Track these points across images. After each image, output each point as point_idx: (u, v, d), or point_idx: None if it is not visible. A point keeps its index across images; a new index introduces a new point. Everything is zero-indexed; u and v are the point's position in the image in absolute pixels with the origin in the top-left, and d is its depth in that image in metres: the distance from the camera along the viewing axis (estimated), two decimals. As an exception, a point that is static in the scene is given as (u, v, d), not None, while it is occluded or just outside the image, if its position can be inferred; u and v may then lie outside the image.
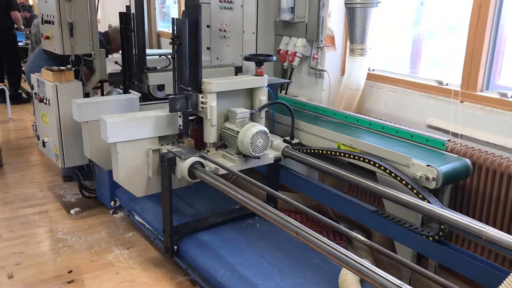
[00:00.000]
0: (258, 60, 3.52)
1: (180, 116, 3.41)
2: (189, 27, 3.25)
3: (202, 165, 3.24)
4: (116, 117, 3.31)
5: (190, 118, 3.50)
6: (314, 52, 4.18)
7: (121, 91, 4.46)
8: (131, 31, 3.95)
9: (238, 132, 3.36)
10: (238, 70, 4.60)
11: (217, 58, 5.18)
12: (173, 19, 3.32)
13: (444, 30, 3.86)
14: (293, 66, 4.38)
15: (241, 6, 4.65)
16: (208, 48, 5.17)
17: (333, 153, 3.38)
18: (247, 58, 3.58)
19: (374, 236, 3.82)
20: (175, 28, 3.31)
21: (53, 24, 4.04)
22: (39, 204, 4.60)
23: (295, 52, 4.28)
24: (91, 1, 4.06)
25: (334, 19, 4.13)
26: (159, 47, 8.07)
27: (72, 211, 4.41)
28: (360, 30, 3.61)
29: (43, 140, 4.41)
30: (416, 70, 3.97)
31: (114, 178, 3.48)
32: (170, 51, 6.54)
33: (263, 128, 3.34)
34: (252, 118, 3.55)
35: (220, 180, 3.07)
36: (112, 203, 4.39)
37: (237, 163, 3.41)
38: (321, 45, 4.13)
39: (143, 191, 3.51)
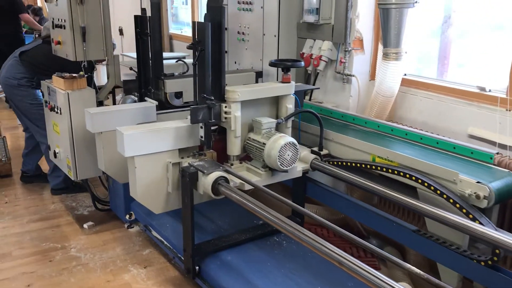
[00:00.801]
0: (286, 66, 3.26)
1: (201, 127, 3.16)
2: (212, 31, 3.00)
3: (226, 180, 2.99)
4: (133, 129, 3.08)
5: (211, 128, 3.25)
6: (341, 55, 3.92)
7: (136, 98, 4.24)
8: (147, 35, 3.71)
9: (264, 144, 3.11)
10: (259, 75, 4.36)
11: (235, 62, 4.94)
12: (193, 22, 3.08)
13: (476, 30, 3.57)
14: (318, 71, 4.12)
15: (262, 7, 4.41)
16: (225, 52, 4.92)
17: (368, 166, 3.12)
18: (273, 64, 3.32)
19: (408, 253, 3.55)
20: (196, 32, 3.07)
21: (64, 28, 3.81)
22: (51, 218, 4.37)
23: (321, 56, 4.02)
24: (105, 3, 3.82)
25: (363, 20, 3.87)
26: (171, 50, 7.84)
27: (85, 226, 4.18)
28: (395, 33, 3.34)
29: (54, 150, 4.19)
30: (446, 74, 3.71)
31: (131, 194, 3.24)
32: (183, 54, 6.41)
33: (291, 139, 3.08)
34: (278, 128, 3.30)
35: (247, 198, 2.82)
36: (127, 216, 4.16)
37: (263, 178, 3.16)
38: (349, 48, 3.87)
39: (162, 207, 3.27)
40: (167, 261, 3.69)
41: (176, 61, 4.34)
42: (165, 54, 6.67)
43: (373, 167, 3.09)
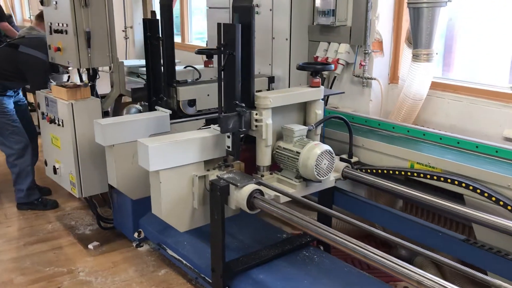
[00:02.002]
0: (316, 69, 3.07)
1: (228, 137, 2.93)
2: (242, 34, 2.79)
3: (261, 193, 2.77)
4: (157, 141, 2.82)
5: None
6: (361, 58, 3.75)
7: (140, 107, 3.98)
8: (158, 40, 3.46)
9: (298, 153, 2.91)
10: (271, 81, 4.15)
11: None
12: (219, 24, 2.85)
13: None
14: (335, 75, 3.95)
15: (270, 10, 4.21)
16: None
17: (409, 173, 2.95)
18: (301, 67, 3.13)
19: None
20: (222, 34, 2.84)
21: (66, 33, 3.52)
22: (50, 239, 4.03)
23: (338, 59, 3.85)
24: (109, 5, 3.56)
25: (382, 21, 3.73)
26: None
27: (90, 246, 3.87)
28: (426, 33, 3.20)
29: (53, 166, 3.86)
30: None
31: (154, 212, 2.98)
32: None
33: (327, 147, 2.89)
34: (308, 135, 3.10)
35: (289, 211, 2.62)
36: (136, 234, 3.87)
37: (298, 189, 2.95)
38: (369, 51, 3.72)
39: (187, 224, 3.02)
40: (187, 281, 3.42)
41: (185, 67, 4.09)
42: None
43: (415, 174, 2.92)
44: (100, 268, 3.57)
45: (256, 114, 2.90)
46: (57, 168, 3.84)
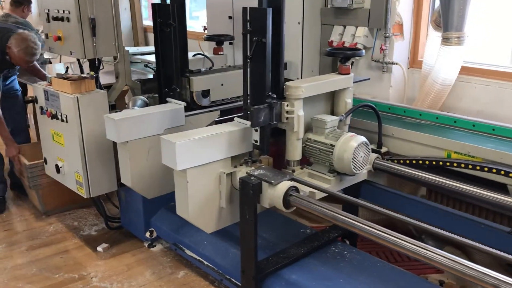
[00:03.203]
0: (346, 55, 2.88)
1: (256, 130, 2.73)
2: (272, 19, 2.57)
3: (297, 190, 2.60)
4: (183, 137, 2.60)
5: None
6: (382, 42, 3.58)
7: (146, 99, 3.73)
8: (169, 27, 3.20)
9: (331, 145, 2.73)
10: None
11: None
12: (245, 8, 2.63)
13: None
14: (353, 60, 3.76)
15: (281, -8, 3.97)
16: (230, 43, 4.47)
17: (447, 163, 2.81)
18: (330, 53, 2.94)
19: (473, 253, 3.30)
20: (248, 19, 2.62)
21: (68, 21, 3.23)
22: (54, 242, 3.78)
23: (356, 44, 3.67)
24: (115, -10, 3.28)
25: (403, 3, 3.56)
26: (146, 44, 7.23)
27: (99, 249, 3.63)
28: (459, 15, 3.04)
29: (56, 164, 3.59)
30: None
31: (179, 213, 2.77)
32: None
33: (363, 139, 2.72)
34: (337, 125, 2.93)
35: (329, 208, 2.46)
36: (148, 234, 3.65)
37: (333, 184, 2.78)
38: (389, 34, 3.54)
39: (214, 225, 2.83)
40: (209, 283, 3.24)
41: (194, 55, 3.84)
42: (145, 49, 6.13)
43: (455, 164, 2.78)
44: (113, 273, 3.35)
45: (287, 105, 2.70)
46: (60, 167, 3.57)
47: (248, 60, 2.67)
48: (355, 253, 3.10)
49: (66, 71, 3.62)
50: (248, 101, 2.74)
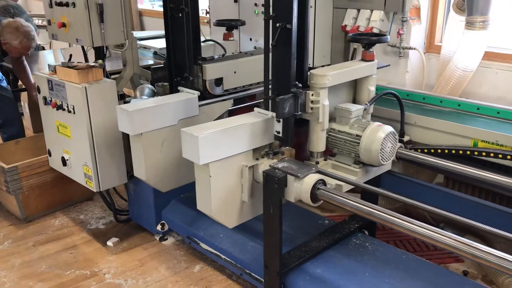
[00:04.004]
0: (371, 41, 2.77)
1: (278, 121, 2.62)
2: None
3: (324, 183, 2.50)
4: (204, 130, 2.48)
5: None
6: (399, 27, 3.47)
7: (152, 87, 3.59)
8: (181, 12, 3.04)
9: (358, 136, 2.63)
10: (295, 53, 3.81)
11: (251, 39, 4.35)
12: (266, -8, 2.49)
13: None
14: (366, 45, 3.65)
15: (290, -26, 3.83)
16: (236, 28, 4.31)
17: (475, 153, 2.74)
18: (354, 39, 2.83)
19: (493, 242, 3.26)
20: (269, 4, 2.49)
21: (74, 6, 3.06)
22: (61, 237, 3.65)
23: (371, 28, 3.55)
24: (123, -27, 3.11)
25: (420, -15, 3.44)
26: (142, 29, 7.02)
27: (109, 243, 3.52)
28: (484, -1, 2.94)
29: (62, 157, 3.45)
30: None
31: (201, 208, 2.67)
32: (159, 32, 5.67)
33: (391, 129, 2.63)
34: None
35: (357, 201, 2.37)
36: (159, 227, 3.54)
37: (359, 176, 2.69)
38: (407, 18, 3.43)
39: (236, 220, 2.73)
40: (227, 277, 3.15)
41: (203, 42, 3.69)
42: (140, 33, 5.94)
43: (483, 153, 2.71)
44: (127, 268, 3.25)
45: (312, 94, 2.59)
46: (67, 160, 3.43)
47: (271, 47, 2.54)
48: (377, 244, 3.03)
49: (70, 59, 3.46)
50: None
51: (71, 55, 3.55)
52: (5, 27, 3.88)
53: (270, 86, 2.63)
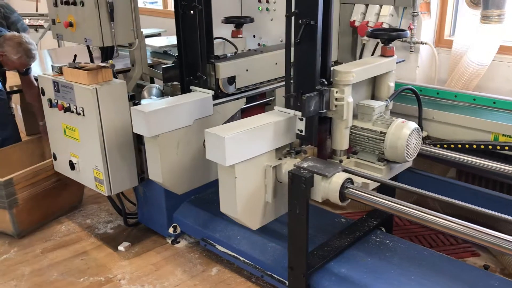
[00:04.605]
0: (391, 36, 2.74)
1: (301, 119, 2.57)
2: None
3: (352, 182, 2.47)
4: (229, 130, 2.41)
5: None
6: (408, 21, 3.44)
7: (160, 87, 3.51)
8: (194, 9, 2.96)
9: (382, 133, 2.60)
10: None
11: (254, 36, 4.29)
12: (289, -12, 2.44)
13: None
14: (378, 41, 3.61)
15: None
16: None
17: (498, 147, 2.73)
18: (373, 34, 2.79)
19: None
20: (292, 0, 2.44)
21: (82, 5, 2.96)
22: (69, 243, 3.55)
23: (382, 23, 3.52)
24: (131, -30, 3.02)
25: (430, -20, 3.42)
26: (134, 26, 6.86)
27: (121, 248, 3.43)
28: (500, -8, 2.93)
29: (70, 161, 3.34)
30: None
31: (225, 211, 2.60)
32: (158, 30, 5.58)
33: (415, 125, 2.60)
34: (381, 111, 2.80)
35: (386, 199, 2.35)
36: (171, 230, 3.47)
37: (384, 173, 2.66)
38: (418, 13, 3.41)
39: (260, 221, 2.68)
40: (245, 279, 3.10)
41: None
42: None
43: (506, 147, 2.71)
44: (142, 273, 3.17)
45: (337, 92, 2.55)
46: (75, 164, 3.33)
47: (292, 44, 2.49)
48: (397, 241, 3.01)
49: (74, 59, 3.36)
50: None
51: (75, 56, 3.45)
52: (8, 40, 3.77)
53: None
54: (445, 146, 2.92)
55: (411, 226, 3.61)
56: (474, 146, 2.82)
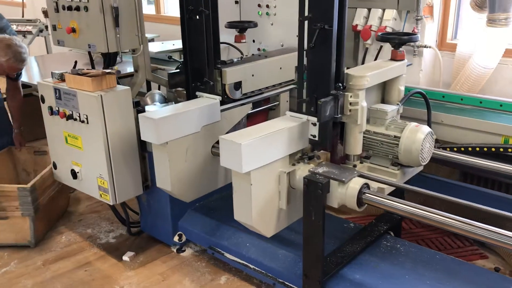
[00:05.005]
0: (402, 40, 2.73)
1: (314, 124, 2.54)
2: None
3: (368, 187, 2.44)
4: (246, 137, 2.37)
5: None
6: (412, 25, 3.45)
7: (161, 92, 3.46)
8: (201, 14, 2.91)
9: (396, 137, 2.59)
10: (306, 54, 3.74)
11: (253, 41, 4.26)
12: (302, -8, 2.41)
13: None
14: (382, 45, 3.62)
15: (297, -26, 3.76)
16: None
17: (509, 150, 2.74)
18: (384, 38, 2.78)
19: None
20: (305, 4, 2.41)
21: (86, 10, 2.89)
22: (71, 254, 3.46)
23: (385, 27, 3.52)
24: (135, -26, 2.96)
25: (433, -17, 3.44)
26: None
27: (125, 258, 3.35)
28: (506, -5, 2.95)
29: (72, 170, 3.26)
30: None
31: (239, 218, 2.55)
32: (148, 36, 5.52)
33: (428, 129, 2.59)
34: (391, 115, 2.79)
35: (404, 203, 2.33)
36: (176, 238, 3.41)
37: (398, 178, 2.65)
38: (422, 17, 3.42)
39: (274, 228, 2.64)
40: (255, 287, 3.04)
41: (216, 44, 3.55)
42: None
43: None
44: (149, 284, 3.10)
45: (351, 96, 2.53)
46: (77, 172, 3.24)
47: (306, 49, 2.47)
48: (408, 245, 3.00)
49: (75, 66, 3.28)
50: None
51: (76, 62, 3.38)
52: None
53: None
54: (455, 149, 2.92)
55: (417, 229, 3.60)
56: (485, 149, 2.82)
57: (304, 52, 2.50)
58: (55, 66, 5.16)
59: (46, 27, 6.61)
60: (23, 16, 7.90)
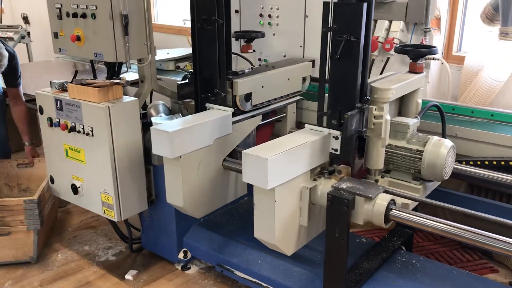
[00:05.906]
0: (421, 53, 2.69)
1: (336, 138, 2.47)
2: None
3: (394, 203, 2.38)
4: (270, 151, 2.27)
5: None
6: (420, 37, 3.43)
7: (164, 103, 3.34)
8: (213, 23, 2.82)
9: (419, 151, 2.54)
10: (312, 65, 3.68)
11: (254, 51, 4.16)
12: (326, 3, 2.35)
13: None
14: (389, 56, 3.59)
15: (303, -16, 3.72)
16: (236, 39, 4.12)
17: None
18: (402, 50, 2.73)
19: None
20: (331, 15, 2.35)
21: (94, 17, 2.75)
22: (70, 272, 3.28)
23: (393, 39, 3.49)
24: (145, -18, 2.85)
25: (440, -4, 3.43)
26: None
27: (128, 276, 3.20)
28: (520, 8, 2.96)
29: (73, 184, 3.10)
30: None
31: (260, 237, 2.45)
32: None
33: (451, 143, 2.55)
34: (410, 128, 2.74)
35: (431, 219, 2.27)
36: (181, 255, 3.27)
37: (421, 192, 2.59)
38: (430, 29, 3.40)
39: (294, 246, 2.54)
40: (268, 306, 2.94)
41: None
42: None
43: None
44: (156, 304, 2.96)
45: (375, 109, 2.46)
46: (78, 187, 3.08)
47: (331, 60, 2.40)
48: (423, 261, 2.94)
49: (75, 75, 3.14)
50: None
51: (76, 71, 3.23)
52: None
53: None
54: (471, 163, 2.89)
55: (425, 243, 3.57)
56: (503, 163, 2.80)
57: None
58: (39, 75, 4.95)
59: (28, 33, 6.37)
60: (1, 22, 7.63)
